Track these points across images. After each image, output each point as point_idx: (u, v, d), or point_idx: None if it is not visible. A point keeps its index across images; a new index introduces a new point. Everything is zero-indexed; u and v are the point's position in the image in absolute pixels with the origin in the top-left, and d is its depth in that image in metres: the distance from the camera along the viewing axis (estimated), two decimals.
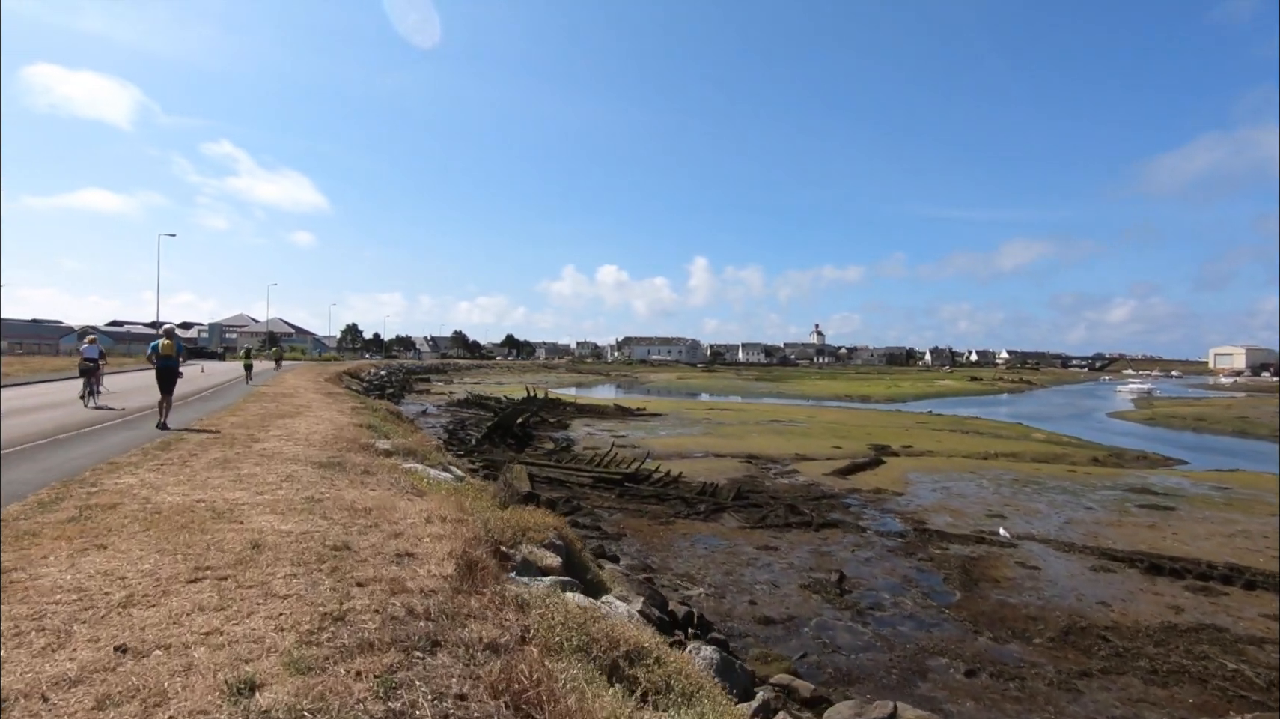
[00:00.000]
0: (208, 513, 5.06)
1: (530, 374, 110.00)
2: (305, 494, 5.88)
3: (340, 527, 4.80)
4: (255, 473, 6.88)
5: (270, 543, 4.35)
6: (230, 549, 4.22)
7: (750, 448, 28.75)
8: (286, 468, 7.35)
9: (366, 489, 6.46)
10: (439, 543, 4.46)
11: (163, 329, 13.20)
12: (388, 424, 15.11)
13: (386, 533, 4.68)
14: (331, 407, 17.60)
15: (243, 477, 6.63)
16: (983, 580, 10.98)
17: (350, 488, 6.45)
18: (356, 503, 5.67)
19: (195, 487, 6.05)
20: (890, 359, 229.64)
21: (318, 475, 6.97)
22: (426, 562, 4.08)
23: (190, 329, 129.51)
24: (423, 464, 9.75)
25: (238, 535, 4.48)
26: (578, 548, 7.27)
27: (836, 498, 17.97)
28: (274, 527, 4.72)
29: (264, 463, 7.67)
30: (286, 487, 6.21)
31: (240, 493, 5.82)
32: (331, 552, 4.18)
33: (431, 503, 5.93)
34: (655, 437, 31.84)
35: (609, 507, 15.92)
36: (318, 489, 6.18)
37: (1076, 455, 29.64)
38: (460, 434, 28.11)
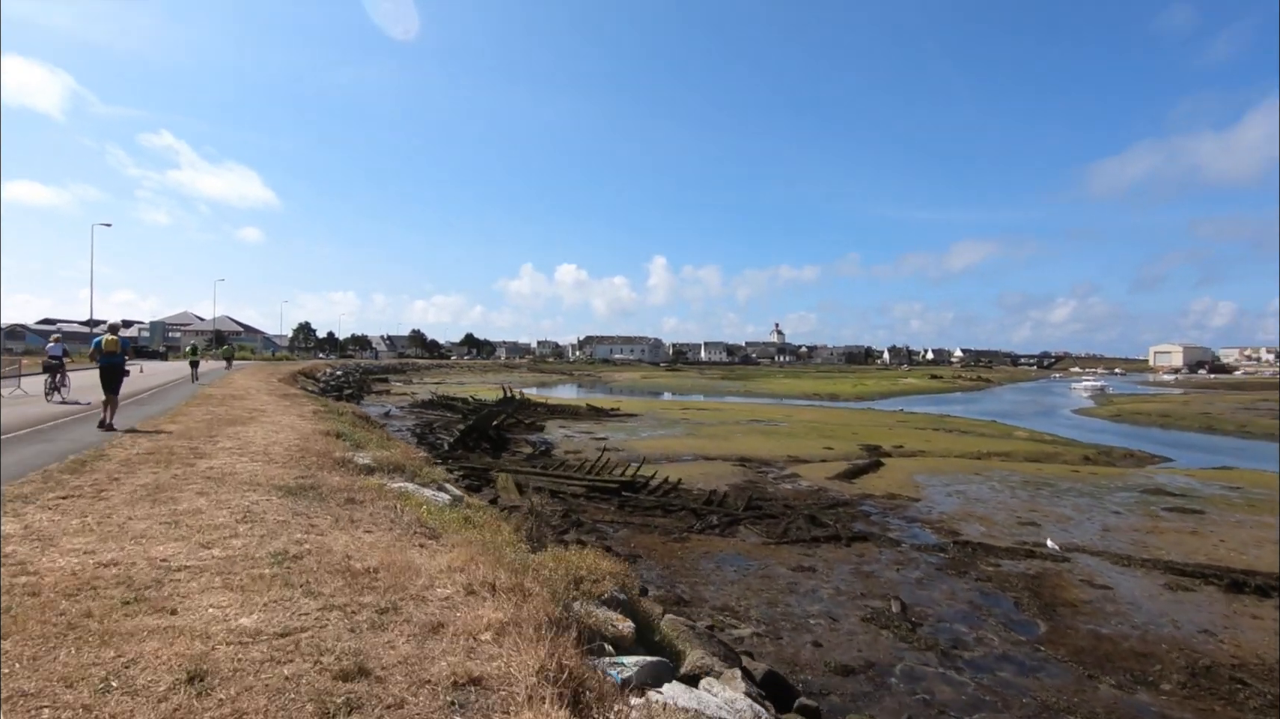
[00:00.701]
0: (117, 593, 3.16)
1: (492, 374, 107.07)
2: (274, 546, 4.02)
3: (339, 614, 2.98)
4: (199, 508, 4.98)
5: (224, 667, 2.54)
6: (147, 694, 2.40)
7: (740, 450, 27.34)
8: (243, 497, 5.47)
9: (359, 530, 4.65)
10: (513, 647, 2.66)
11: (106, 324, 12.78)
12: (359, 430, 13.10)
13: (419, 625, 2.87)
14: (290, 410, 15.44)
15: (181, 516, 4.72)
16: (1059, 605, 9.65)
17: (336, 528, 4.64)
18: (352, 558, 3.86)
19: (107, 537, 4.13)
20: (849, 358, 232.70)
21: (287, 509, 5.12)
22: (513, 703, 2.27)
23: (130, 328, 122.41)
24: (413, 483, 7.90)
25: (163, 651, 2.66)
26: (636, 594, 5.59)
27: (851, 505, 16.60)
28: (229, 623, 2.86)
29: (211, 490, 5.77)
30: (245, 532, 4.35)
31: (175, 546, 3.93)
32: (338, 686, 2.41)
33: (456, 552, 4.18)
34: (637, 438, 30.19)
35: (611, 520, 14.20)
36: (290, 534, 4.35)
37: (1067, 454, 29.08)
38: (430, 438, 25.94)
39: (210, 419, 12.66)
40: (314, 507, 5.31)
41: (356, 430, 13.04)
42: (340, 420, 14.22)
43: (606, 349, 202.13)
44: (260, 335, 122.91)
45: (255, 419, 13.06)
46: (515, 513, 11.55)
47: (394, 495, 6.54)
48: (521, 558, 5.04)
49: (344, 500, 5.69)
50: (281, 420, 13.00)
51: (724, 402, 58.52)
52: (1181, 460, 30.16)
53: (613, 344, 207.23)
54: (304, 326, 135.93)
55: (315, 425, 12.33)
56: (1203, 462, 29.07)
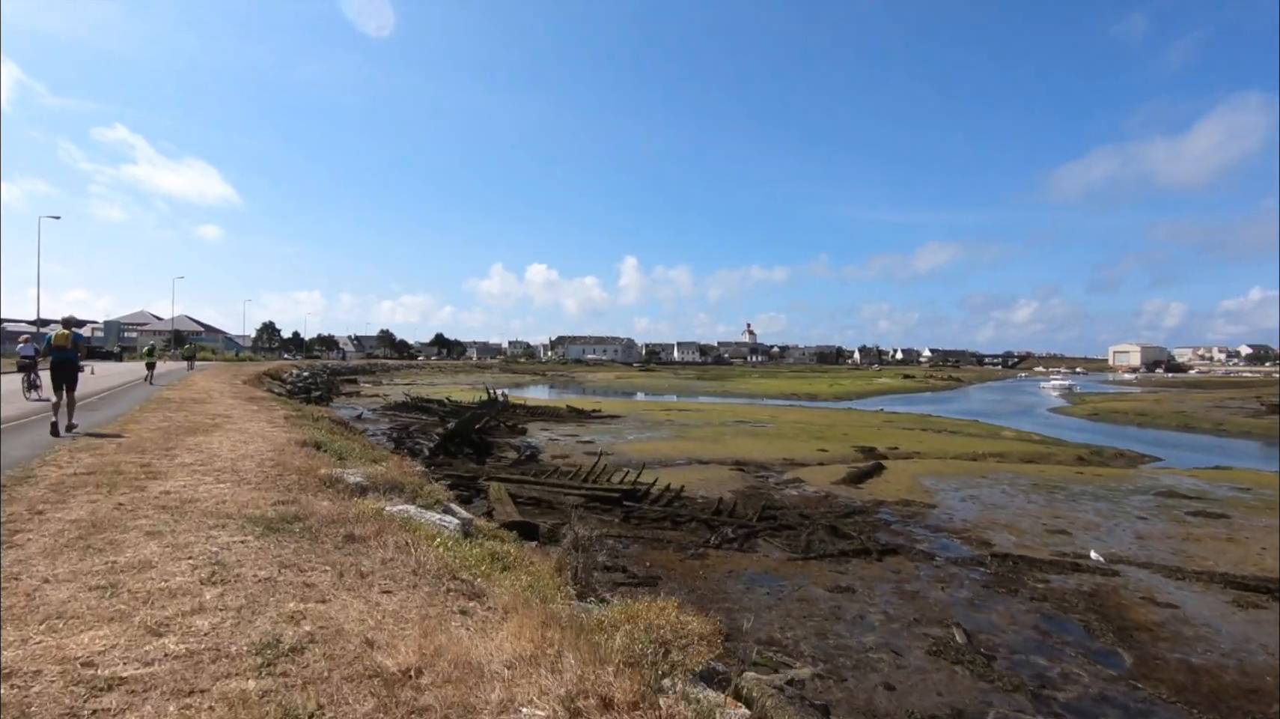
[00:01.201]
0: None
1: (463, 375, 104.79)
2: (258, 627, 2.72)
3: None
4: (149, 558, 3.63)
5: None
6: None
7: (733, 452, 26.33)
8: (209, 539, 4.15)
9: (373, 589, 3.39)
10: None
11: (61, 319, 12.17)
12: (339, 439, 11.69)
13: None
14: (258, 415, 13.92)
15: (122, 574, 3.35)
16: (1132, 629, 8.73)
17: (341, 588, 3.37)
18: (377, 645, 2.61)
19: (10, 619, 2.82)
20: (821, 358, 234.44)
21: (269, 556, 3.81)
22: None
23: (84, 327, 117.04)
24: (415, 505, 6.62)
25: None
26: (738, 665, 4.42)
27: (868, 513, 15.64)
28: None
29: (167, 527, 4.44)
30: (214, 601, 3.02)
31: (108, 635, 2.57)
32: None
33: (514, 621, 2.96)
34: (624, 442, 29.00)
35: (618, 534, 12.99)
36: (280, 602, 3.05)
37: (1060, 454, 28.68)
38: (409, 444, 24.40)
39: (167, 427, 11.13)
40: (305, 550, 4.02)
41: (336, 438, 11.62)
42: (316, 427, 12.77)
43: (579, 349, 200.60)
44: (222, 335, 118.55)
45: (220, 426, 11.56)
46: (539, 539, 10.29)
47: (399, 526, 5.26)
48: (586, 616, 3.83)
49: (342, 539, 4.40)
50: (250, 428, 11.52)
51: (705, 402, 57.62)
52: (1171, 459, 30.01)
53: (585, 344, 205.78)
54: (268, 326, 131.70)
55: (289, 433, 10.90)
56: (1192, 461, 28.93)
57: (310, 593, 3.19)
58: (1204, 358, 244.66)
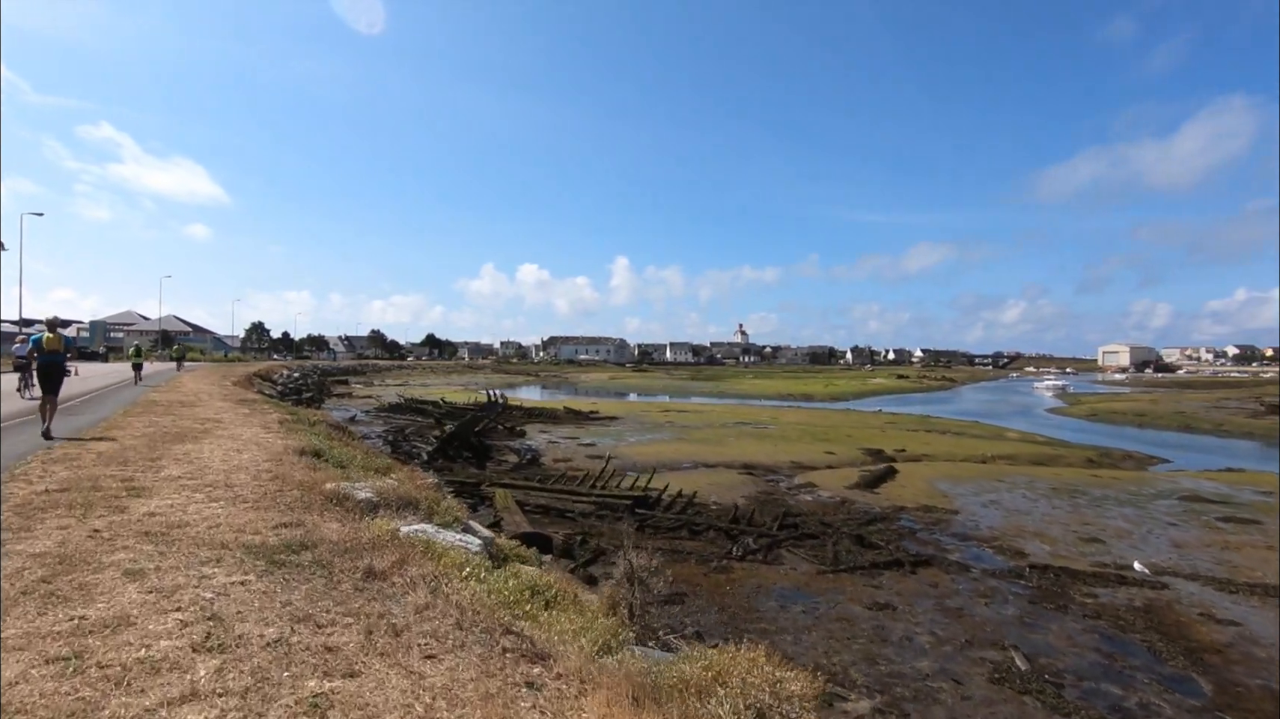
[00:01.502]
0: None
1: (455, 375, 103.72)
2: None
3: None
4: (126, 612, 2.86)
5: None
6: None
7: (739, 455, 25.69)
8: (200, 581, 3.41)
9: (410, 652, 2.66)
10: None
11: (46, 321, 11.71)
12: (339, 445, 10.92)
13: None
14: (250, 419, 13.13)
15: (91, 636, 2.60)
16: (1200, 651, 8.12)
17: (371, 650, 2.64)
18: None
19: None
20: (813, 358, 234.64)
21: (277, 603, 3.09)
22: None
23: (69, 327, 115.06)
24: (432, 524, 5.91)
25: None
26: None
27: (890, 520, 15.01)
28: None
29: (149, 563, 3.70)
30: (209, 679, 2.21)
31: None
32: None
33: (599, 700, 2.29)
34: (626, 444, 28.30)
35: (634, 546, 12.28)
36: (297, 678, 2.29)
37: (1069, 456, 28.24)
38: (405, 447, 23.61)
39: (153, 433, 10.34)
40: (320, 594, 3.29)
41: (336, 445, 10.85)
42: (313, 432, 11.99)
43: (572, 349, 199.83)
44: (210, 336, 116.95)
45: (210, 433, 10.78)
46: (555, 552, 9.57)
47: (422, 552, 4.55)
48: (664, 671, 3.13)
49: (361, 575, 3.67)
50: (243, 434, 10.74)
51: (703, 403, 56.97)
52: (1179, 461, 29.63)
53: (578, 344, 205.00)
54: (257, 326, 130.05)
55: (285, 440, 10.13)
56: (1199, 462, 28.55)
57: (334, 662, 2.47)
58: (1191, 358, 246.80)
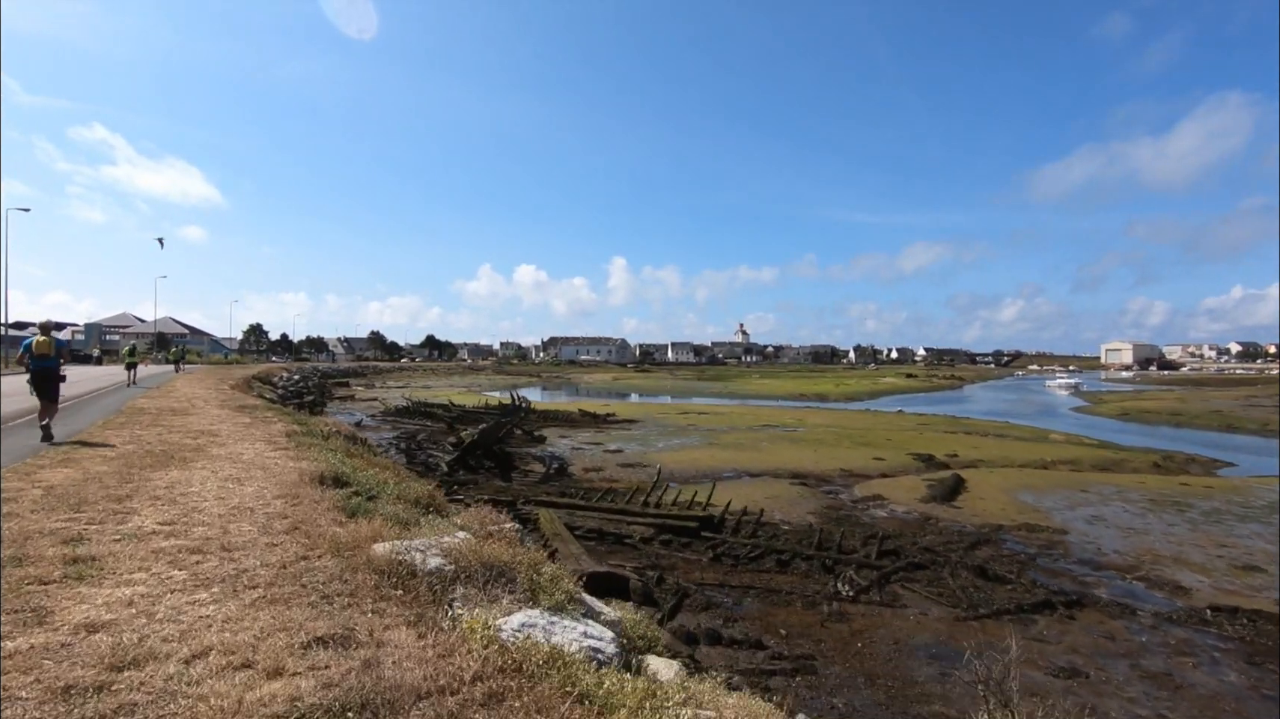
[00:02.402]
0: None
1: (457, 376, 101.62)
2: None
3: None
4: None
5: None
6: None
7: (781, 463, 23.68)
8: None
9: None
10: None
11: (39, 325, 11.59)
12: (362, 464, 8.85)
13: None
14: (253, 432, 11.04)
15: None
16: None
17: None
18: None
19: None
20: (816, 357, 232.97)
21: None
22: None
23: (63, 330, 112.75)
24: (542, 611, 3.84)
25: None
26: None
27: (994, 543, 12.98)
28: None
29: None
30: None
31: None
32: None
33: None
34: (655, 450, 26.27)
35: (718, 583, 10.22)
36: None
37: (1133, 460, 26.27)
38: (421, 456, 21.53)
39: (131, 453, 8.26)
40: None
41: (361, 465, 8.78)
42: (329, 448, 9.89)
43: (573, 350, 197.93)
44: (207, 338, 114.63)
45: (204, 450, 8.69)
46: (633, 597, 7.50)
47: (558, 691, 2.49)
48: None
49: None
50: (244, 452, 8.66)
51: (720, 404, 54.90)
52: (1246, 464, 27.77)
53: (579, 345, 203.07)
54: (255, 328, 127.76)
55: (298, 461, 8.05)
56: (1266, 467, 26.67)
57: None
58: (1194, 355, 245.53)
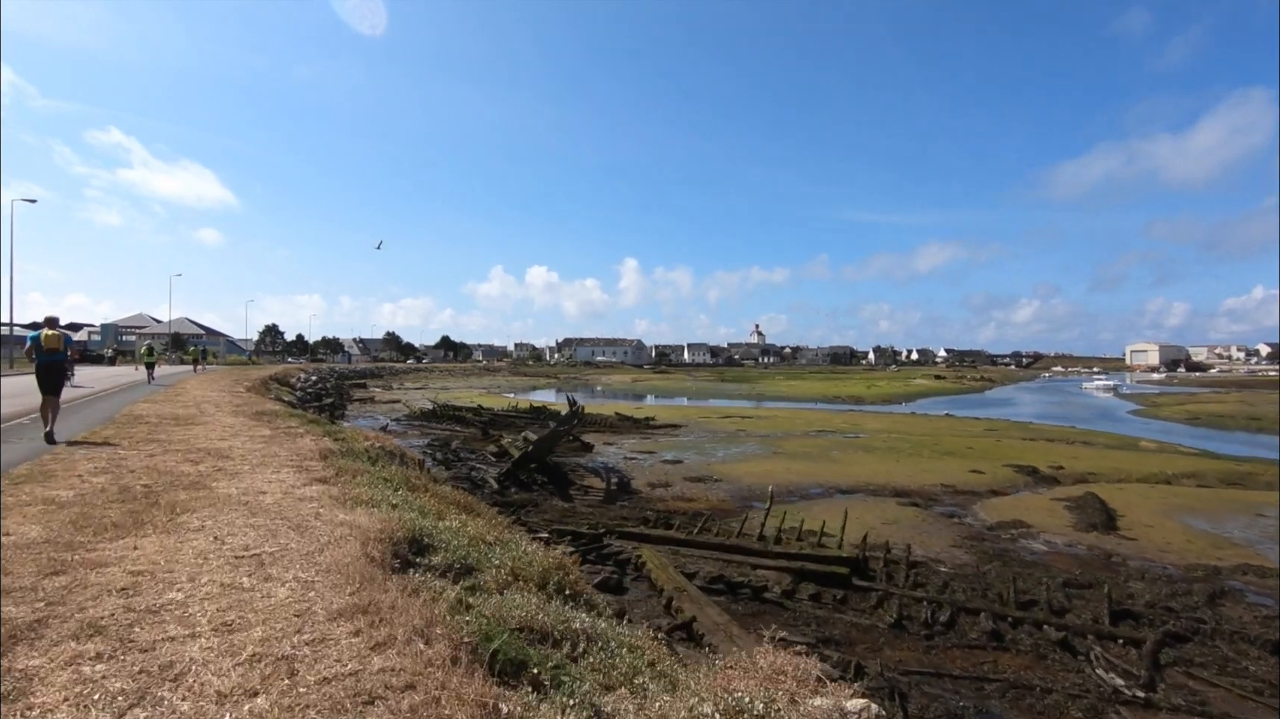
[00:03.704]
0: None
1: (475, 378, 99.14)
2: None
3: None
4: None
5: None
6: None
7: (867, 476, 20.76)
8: None
9: None
10: None
11: (45, 319, 10.74)
12: (433, 503, 6.07)
13: None
14: (275, 451, 8.27)
15: None
16: None
17: None
18: None
19: None
20: (834, 358, 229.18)
21: None
22: None
23: (79, 330, 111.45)
24: None
25: None
26: None
27: (1230, 594, 9.98)
28: None
29: None
30: None
31: None
32: None
33: None
34: (717, 460, 23.41)
35: (923, 667, 7.32)
36: None
37: (1263, 473, 23.02)
38: (462, 468, 18.71)
39: (94, 494, 5.51)
40: None
41: (430, 503, 6.00)
42: (381, 477, 7.09)
43: (588, 351, 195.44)
44: (223, 338, 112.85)
45: (206, 487, 5.93)
46: None
47: None
48: None
49: None
50: (267, 490, 5.88)
51: (758, 407, 51.91)
52: None
53: (594, 346, 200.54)
54: (271, 329, 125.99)
55: (349, 508, 5.26)
56: None
57: None
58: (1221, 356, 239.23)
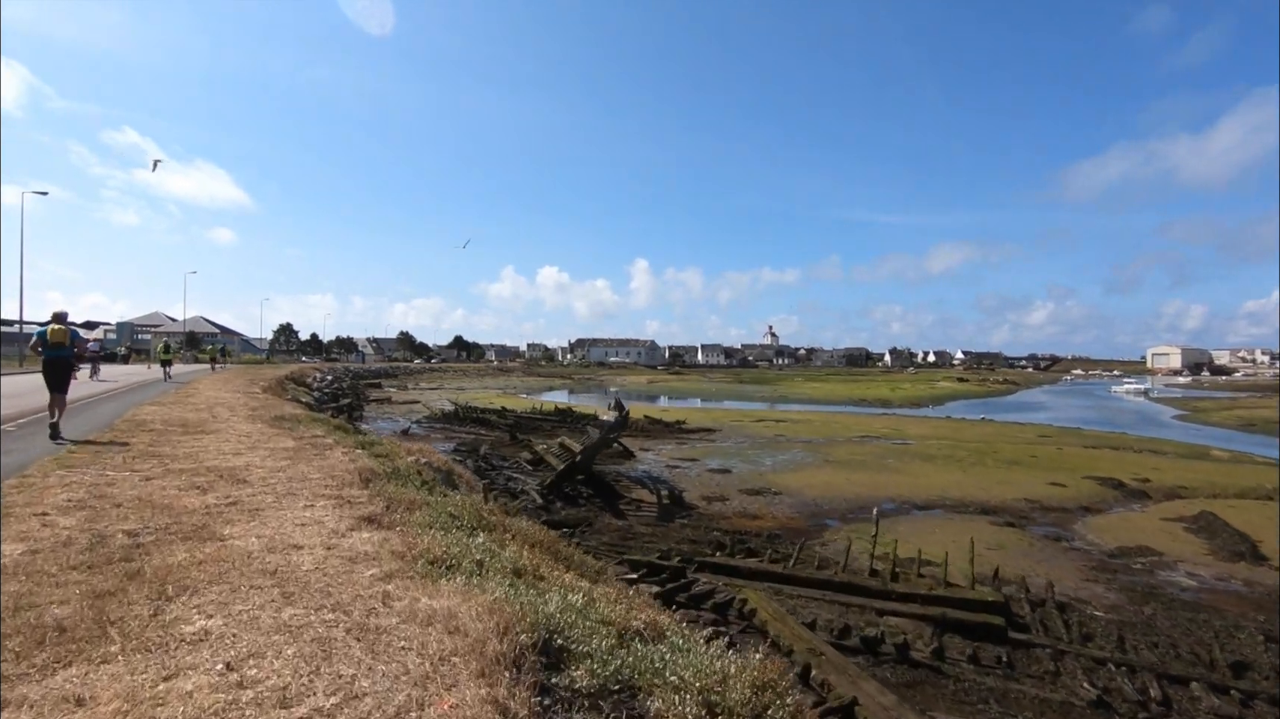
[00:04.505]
0: None
1: (489, 378, 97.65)
2: None
3: None
4: None
5: None
6: None
7: (938, 489, 18.89)
8: None
9: None
10: None
11: (53, 314, 10.21)
12: (541, 565, 4.34)
13: None
14: (304, 472, 6.55)
15: None
16: None
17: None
18: None
19: None
20: (850, 360, 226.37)
21: None
22: None
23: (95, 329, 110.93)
24: None
25: None
26: None
27: None
28: None
29: None
30: None
31: None
32: None
33: None
34: (768, 469, 21.61)
35: None
36: None
37: None
38: (498, 478, 16.96)
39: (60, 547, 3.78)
40: None
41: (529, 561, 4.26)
42: (447, 513, 5.35)
43: (601, 351, 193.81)
44: (238, 337, 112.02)
45: (215, 535, 4.21)
46: None
47: None
48: None
49: None
50: (300, 544, 4.13)
51: (792, 411, 49.94)
52: None
53: (607, 346, 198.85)
54: (285, 328, 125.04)
55: (423, 584, 3.49)
56: None
57: None
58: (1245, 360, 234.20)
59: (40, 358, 9.95)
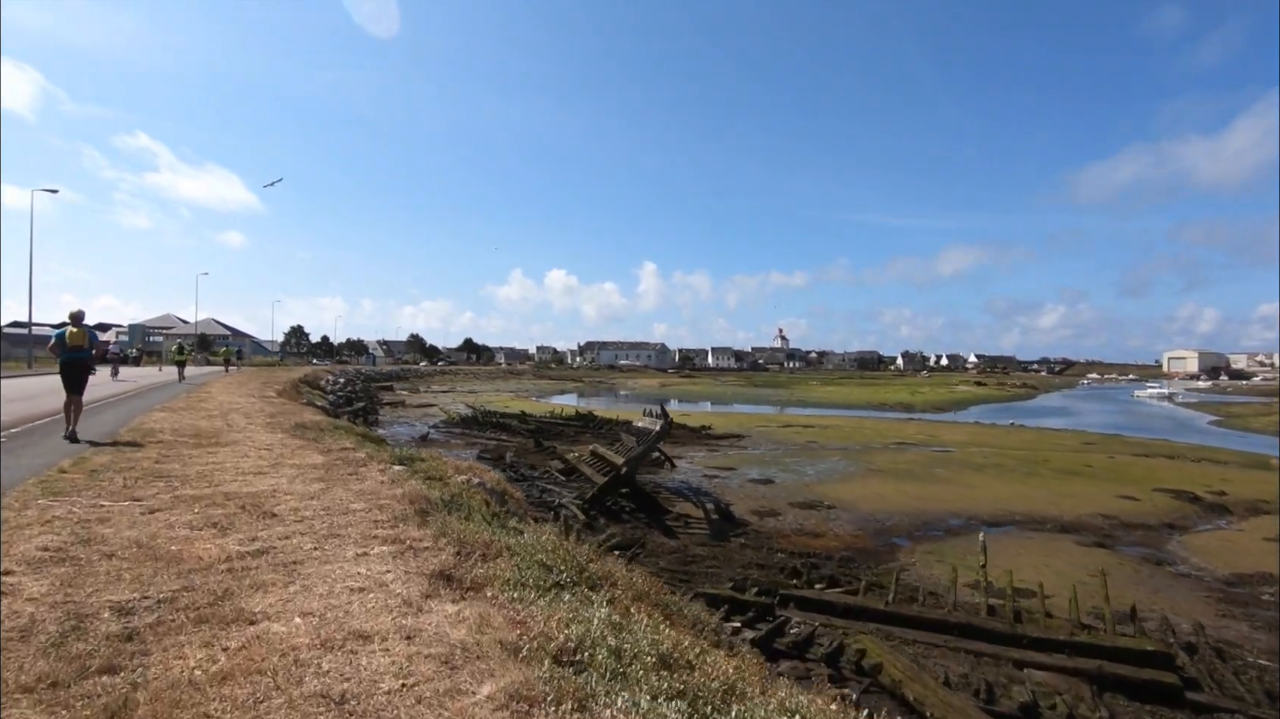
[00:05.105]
0: None
1: (501, 381, 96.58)
2: None
3: None
4: None
5: None
6: None
7: (1003, 503, 17.56)
8: None
9: None
10: None
11: (70, 315, 10.07)
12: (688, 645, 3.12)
13: None
14: (343, 500, 5.31)
15: None
16: None
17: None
18: None
19: None
20: (862, 363, 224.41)
21: None
22: None
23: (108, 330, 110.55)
24: None
25: None
26: None
27: None
28: None
29: None
30: None
31: None
32: None
33: None
34: (814, 480, 20.31)
35: None
36: None
37: None
38: (532, 490, 15.70)
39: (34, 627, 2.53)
40: None
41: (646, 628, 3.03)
42: (537, 562, 4.11)
43: (611, 354, 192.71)
44: (249, 339, 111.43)
45: (240, 613, 3.03)
46: None
47: None
48: None
49: None
50: (366, 633, 2.90)
51: (813, 415, 48.56)
52: None
53: (617, 349, 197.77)
54: (296, 330, 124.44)
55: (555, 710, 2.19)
56: None
57: None
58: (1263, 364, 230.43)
59: (58, 360, 9.84)
